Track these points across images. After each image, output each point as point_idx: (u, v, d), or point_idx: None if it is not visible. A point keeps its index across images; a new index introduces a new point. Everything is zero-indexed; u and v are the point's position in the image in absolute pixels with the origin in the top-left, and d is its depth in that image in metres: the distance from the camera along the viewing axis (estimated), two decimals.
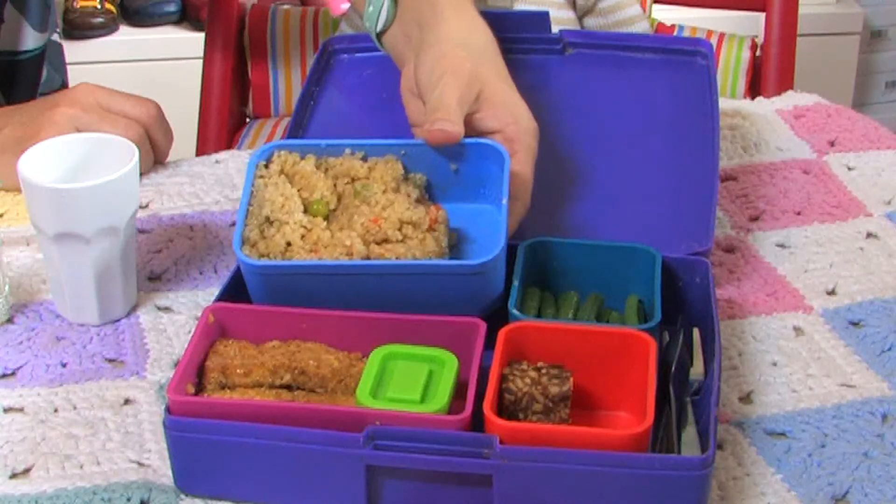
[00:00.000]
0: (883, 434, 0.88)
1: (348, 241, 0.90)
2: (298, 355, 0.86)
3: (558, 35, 1.15)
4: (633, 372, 0.84)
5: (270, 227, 0.92)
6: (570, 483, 0.77)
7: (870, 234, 1.11)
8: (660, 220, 1.02)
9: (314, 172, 0.95)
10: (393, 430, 0.78)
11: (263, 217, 0.92)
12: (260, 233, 0.92)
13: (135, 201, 0.98)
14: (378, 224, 0.91)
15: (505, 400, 0.82)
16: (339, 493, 0.80)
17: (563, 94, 1.13)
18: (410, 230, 0.91)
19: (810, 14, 2.64)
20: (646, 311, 0.93)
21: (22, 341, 0.97)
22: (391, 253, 0.90)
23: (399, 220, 0.91)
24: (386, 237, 0.90)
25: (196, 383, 0.85)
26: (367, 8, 1.09)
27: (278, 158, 0.96)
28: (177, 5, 2.74)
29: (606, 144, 1.09)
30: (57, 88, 1.48)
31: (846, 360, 0.95)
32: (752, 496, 0.83)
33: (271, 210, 0.92)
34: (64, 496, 0.82)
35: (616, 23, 1.63)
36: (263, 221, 0.92)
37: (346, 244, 0.90)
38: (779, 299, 1.03)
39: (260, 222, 0.92)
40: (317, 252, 0.90)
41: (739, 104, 1.34)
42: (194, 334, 0.86)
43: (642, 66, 1.15)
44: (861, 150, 1.24)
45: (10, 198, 1.15)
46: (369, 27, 1.09)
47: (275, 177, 0.94)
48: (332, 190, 0.95)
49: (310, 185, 0.94)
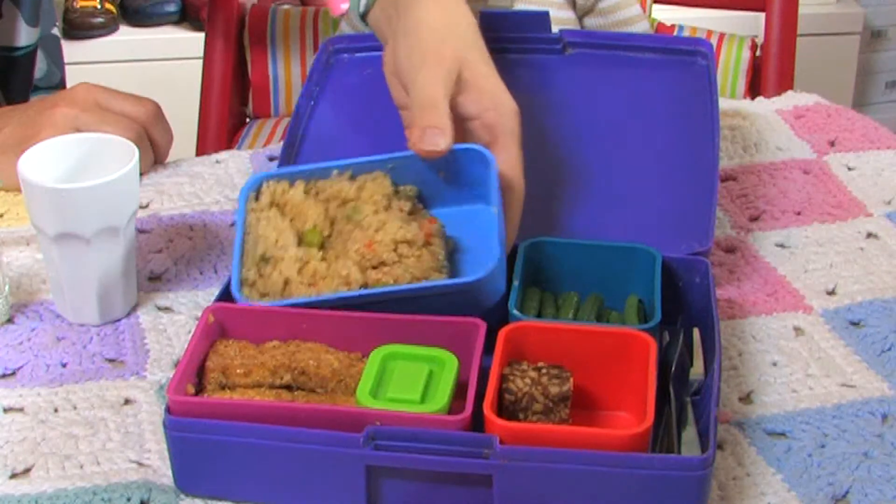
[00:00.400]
0: (883, 434, 0.88)
1: (345, 270, 0.90)
2: (298, 355, 0.86)
3: (558, 35, 1.15)
4: (633, 372, 0.84)
5: (266, 265, 0.92)
6: (570, 483, 0.77)
7: (870, 234, 1.11)
8: (660, 220, 1.02)
9: (304, 200, 0.95)
10: (393, 431, 0.78)
11: (259, 255, 0.93)
12: (258, 272, 0.92)
13: (135, 201, 0.98)
14: (372, 249, 0.91)
15: (505, 400, 0.82)
16: (339, 494, 0.80)
17: (562, 94, 1.13)
18: (406, 248, 0.91)
19: (810, 14, 2.64)
20: (646, 311, 0.93)
21: (22, 341, 0.97)
22: (389, 276, 0.90)
23: (393, 241, 0.91)
24: (382, 260, 0.90)
25: (196, 383, 0.85)
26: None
27: (267, 189, 0.96)
28: (177, 5, 2.74)
29: (606, 144, 1.09)
30: (56, 83, 1.48)
31: (846, 360, 0.95)
32: (752, 496, 0.83)
33: (266, 247, 0.93)
34: (64, 496, 0.82)
35: (616, 23, 1.62)
36: (259, 260, 0.93)
37: (343, 274, 0.90)
38: (779, 299, 1.03)
39: (256, 261, 0.93)
40: (315, 286, 0.90)
41: (739, 104, 1.34)
42: (194, 334, 0.86)
43: (642, 66, 1.15)
44: (861, 150, 1.24)
45: (10, 198, 1.15)
46: (352, 8, 1.09)
47: (266, 210, 0.95)
48: (324, 216, 0.95)
49: (301, 213, 0.95)
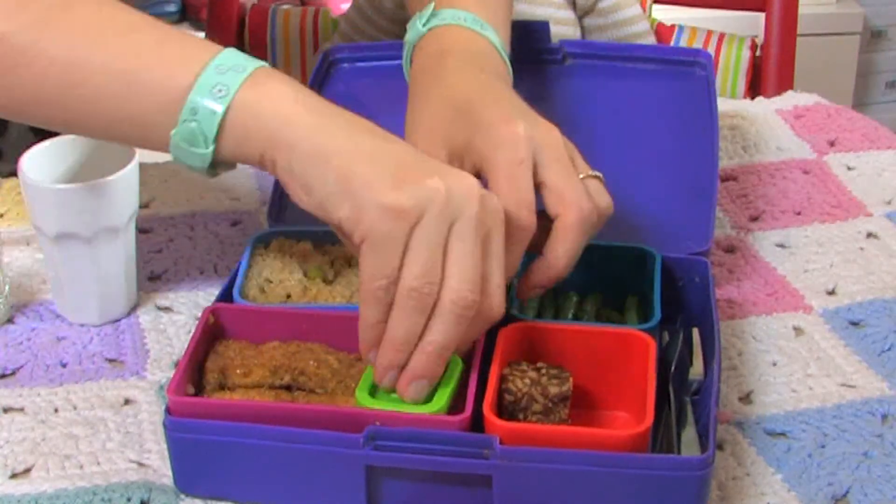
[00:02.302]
0: (883, 434, 0.88)
1: (348, 291, 0.91)
2: (298, 355, 0.86)
3: (558, 45, 1.16)
4: (633, 372, 0.84)
5: (270, 283, 0.93)
6: (569, 483, 0.78)
7: (870, 234, 1.12)
8: (660, 220, 1.02)
9: (312, 253, 0.96)
10: (393, 431, 0.78)
11: (263, 279, 0.94)
12: (260, 290, 0.93)
13: (135, 201, 0.98)
14: None
15: (505, 400, 0.82)
16: (339, 494, 0.80)
17: (562, 103, 1.13)
18: None
19: (810, 14, 2.64)
20: (646, 311, 0.93)
21: (22, 341, 0.97)
22: None
23: None
24: None
25: (196, 383, 0.85)
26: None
27: (276, 243, 0.97)
28: (177, 5, 2.74)
29: (606, 154, 1.08)
30: None
31: (846, 360, 0.95)
32: (752, 496, 0.83)
33: (270, 272, 0.94)
34: (64, 496, 0.82)
35: (616, 23, 1.62)
36: (263, 281, 0.94)
37: (347, 294, 0.91)
38: (779, 299, 1.03)
39: (260, 283, 0.93)
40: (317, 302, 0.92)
41: (739, 104, 1.34)
42: (194, 334, 0.86)
43: (642, 76, 1.15)
44: (861, 150, 1.24)
45: (10, 198, 1.15)
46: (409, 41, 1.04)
47: (273, 253, 0.96)
48: (329, 265, 0.96)
49: (307, 259, 0.96)
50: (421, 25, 0.98)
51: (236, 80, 0.81)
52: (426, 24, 0.98)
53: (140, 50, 0.84)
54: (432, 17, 0.98)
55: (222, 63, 0.82)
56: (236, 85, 0.81)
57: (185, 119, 0.81)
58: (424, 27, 0.98)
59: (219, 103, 0.81)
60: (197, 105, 0.81)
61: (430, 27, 0.98)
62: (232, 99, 0.81)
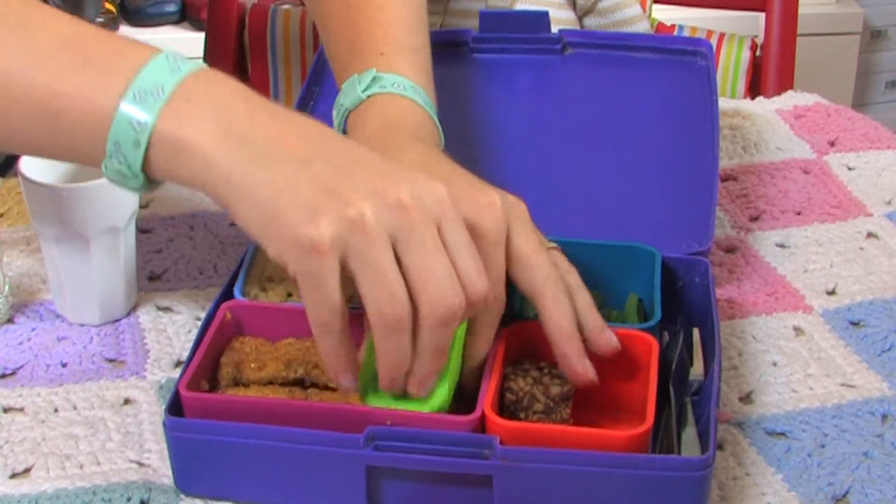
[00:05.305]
0: (883, 434, 0.88)
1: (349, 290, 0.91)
2: (313, 350, 0.85)
3: (558, 35, 1.15)
4: (634, 372, 0.84)
5: (271, 282, 0.93)
6: (570, 484, 0.77)
7: (870, 234, 1.12)
8: (660, 220, 1.02)
9: None
10: (393, 431, 0.78)
11: (265, 277, 0.94)
12: (261, 287, 0.93)
13: (135, 201, 0.98)
14: None
15: (506, 399, 0.82)
16: (339, 494, 0.80)
17: (562, 93, 1.13)
18: None
19: (810, 14, 2.64)
20: (646, 311, 0.93)
21: (22, 341, 0.97)
22: None
23: None
24: None
25: (209, 379, 0.85)
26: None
27: None
28: (177, 5, 2.74)
29: (606, 144, 1.09)
30: None
31: (846, 360, 0.95)
32: (752, 496, 0.83)
33: (272, 270, 0.94)
34: (64, 496, 0.82)
35: (616, 22, 1.62)
36: (265, 280, 0.94)
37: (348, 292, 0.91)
38: (779, 299, 1.03)
39: (261, 282, 0.93)
40: None
41: (739, 104, 1.34)
42: (209, 330, 0.85)
43: (642, 66, 1.15)
44: (861, 150, 1.24)
45: (10, 198, 1.15)
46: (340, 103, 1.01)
47: None
48: None
49: None
50: (361, 91, 0.96)
51: (154, 108, 0.76)
52: (366, 91, 0.96)
53: (61, 75, 0.78)
54: (373, 83, 0.96)
55: (141, 86, 0.77)
56: (153, 116, 0.76)
57: (110, 154, 0.78)
58: (364, 93, 0.96)
59: (138, 139, 0.77)
60: (119, 140, 0.77)
61: (370, 94, 0.96)
62: (150, 135, 0.76)
